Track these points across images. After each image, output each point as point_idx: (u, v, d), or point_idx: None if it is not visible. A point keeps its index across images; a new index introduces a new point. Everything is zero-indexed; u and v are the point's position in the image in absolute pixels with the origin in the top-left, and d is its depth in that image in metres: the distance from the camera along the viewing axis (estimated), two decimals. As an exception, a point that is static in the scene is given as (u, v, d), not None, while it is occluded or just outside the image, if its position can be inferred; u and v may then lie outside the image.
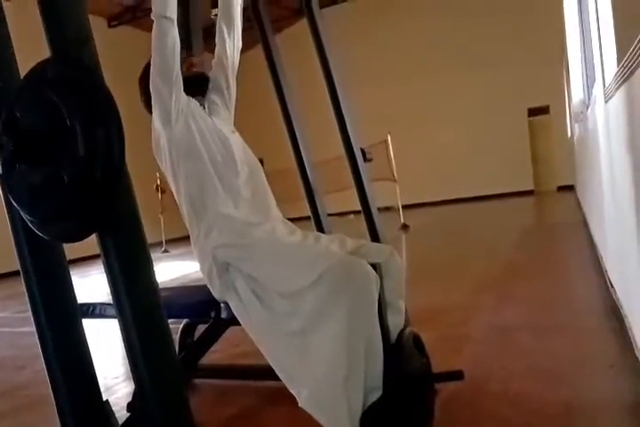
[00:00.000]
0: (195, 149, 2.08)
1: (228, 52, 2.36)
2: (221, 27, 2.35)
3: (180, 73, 2.02)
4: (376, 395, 1.87)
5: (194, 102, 2.19)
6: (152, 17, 1.95)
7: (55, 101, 1.18)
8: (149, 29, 2.00)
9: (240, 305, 1.99)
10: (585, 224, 7.04)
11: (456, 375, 2.20)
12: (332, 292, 1.80)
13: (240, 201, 2.12)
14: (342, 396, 1.76)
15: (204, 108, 2.25)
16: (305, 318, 1.84)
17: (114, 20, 14.60)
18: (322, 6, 3.04)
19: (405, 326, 2.14)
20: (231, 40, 2.36)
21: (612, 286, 3.54)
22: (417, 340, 2.14)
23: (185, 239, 2.15)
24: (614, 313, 3.22)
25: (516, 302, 3.96)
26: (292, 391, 1.88)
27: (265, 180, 2.29)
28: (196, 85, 2.26)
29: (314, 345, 1.82)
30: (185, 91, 2.12)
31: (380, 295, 1.90)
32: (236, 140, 2.25)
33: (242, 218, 2.08)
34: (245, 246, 2.02)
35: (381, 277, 1.95)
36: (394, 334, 2.06)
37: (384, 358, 1.89)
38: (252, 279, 1.96)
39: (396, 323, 2.10)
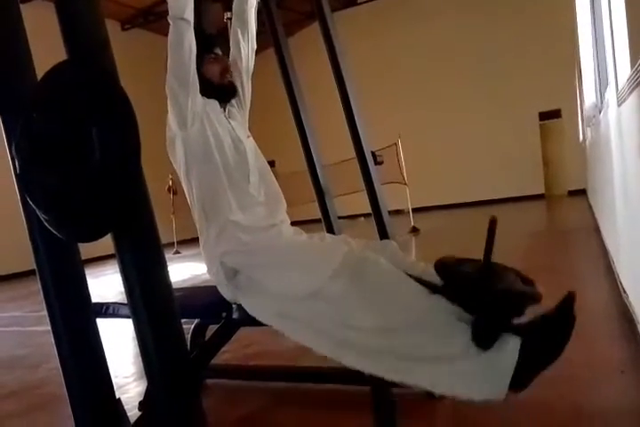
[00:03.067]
0: (208, 152, 2.09)
1: (243, 55, 2.37)
2: (236, 30, 2.36)
3: (196, 75, 2.03)
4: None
5: (211, 105, 2.18)
6: (169, 19, 1.95)
7: (72, 103, 1.20)
8: (162, 32, 2.03)
9: (255, 302, 1.99)
10: (596, 229, 7.00)
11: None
12: (346, 286, 1.80)
13: (250, 205, 2.13)
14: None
15: (225, 111, 2.26)
16: (323, 317, 1.82)
17: (127, 23, 14.71)
18: (333, 10, 3.05)
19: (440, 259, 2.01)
20: (246, 43, 2.37)
21: (625, 292, 3.51)
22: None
23: (196, 240, 2.17)
24: (626, 319, 3.20)
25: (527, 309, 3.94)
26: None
27: (276, 183, 2.31)
28: (227, 95, 2.27)
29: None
30: (214, 97, 2.17)
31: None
32: (249, 145, 2.26)
33: (250, 224, 2.08)
34: (253, 254, 2.03)
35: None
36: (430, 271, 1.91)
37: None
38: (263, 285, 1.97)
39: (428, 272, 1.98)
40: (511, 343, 1.68)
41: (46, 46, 2.82)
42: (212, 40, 2.25)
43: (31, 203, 1.24)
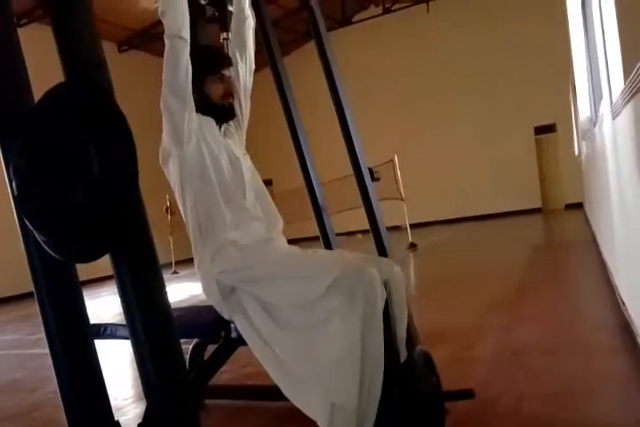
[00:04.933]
0: (204, 171, 2.09)
1: (241, 74, 2.38)
2: (234, 50, 2.38)
3: (191, 92, 2.05)
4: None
5: (207, 122, 2.19)
6: (165, 38, 1.96)
7: (69, 124, 1.20)
8: (158, 53, 2.03)
9: (247, 324, 1.99)
10: (594, 242, 7.00)
11: (466, 394, 2.18)
12: (344, 299, 1.82)
13: (246, 221, 2.13)
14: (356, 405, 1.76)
15: (220, 128, 2.27)
16: (319, 328, 1.84)
17: (124, 44, 14.85)
18: (329, 29, 3.08)
19: (415, 345, 2.13)
20: (244, 63, 2.39)
21: (624, 304, 3.51)
22: (427, 358, 2.13)
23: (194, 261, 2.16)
24: (626, 331, 3.19)
25: (527, 322, 3.93)
26: (309, 412, 1.86)
27: (272, 202, 2.31)
28: (224, 117, 2.28)
29: (325, 353, 1.82)
30: (211, 115, 2.19)
31: (389, 310, 1.91)
32: (246, 164, 2.27)
33: (247, 243, 2.09)
34: (249, 269, 2.03)
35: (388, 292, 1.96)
36: (401, 349, 2.05)
37: (396, 376, 1.89)
38: (261, 299, 1.97)
39: (400, 336, 2.10)
40: None
41: (43, 69, 2.84)
42: (224, 60, 2.26)
43: (29, 224, 1.24)
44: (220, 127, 2.27)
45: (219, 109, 2.23)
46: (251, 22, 2.43)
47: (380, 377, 1.84)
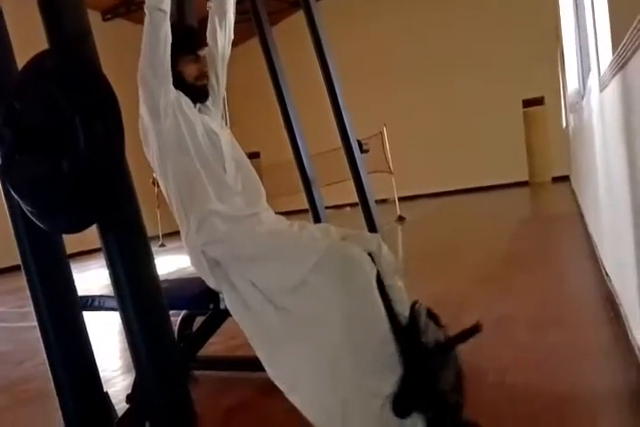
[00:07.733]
0: (182, 144, 2.08)
1: (219, 44, 2.34)
2: (214, 18, 2.34)
3: (169, 67, 2.02)
4: (396, 374, 1.85)
5: (184, 97, 2.17)
6: (145, 9, 1.93)
7: (55, 93, 1.18)
8: (143, 22, 1.98)
9: (234, 296, 1.99)
10: (580, 214, 7.07)
11: (474, 330, 2.14)
12: (328, 280, 1.81)
13: (228, 195, 2.12)
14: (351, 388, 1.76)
15: (195, 106, 2.23)
16: (306, 309, 1.85)
17: (108, 13, 14.54)
18: (317, -2, 3.03)
19: (415, 303, 2.12)
20: (222, 32, 2.35)
21: (608, 276, 3.55)
22: (429, 312, 2.11)
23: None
24: (610, 302, 3.24)
25: (513, 294, 3.98)
26: (290, 397, 1.89)
27: (254, 172, 2.30)
28: (198, 98, 2.25)
29: (316, 336, 1.83)
30: (185, 95, 2.15)
31: (380, 279, 1.91)
32: (225, 137, 2.24)
33: (230, 213, 2.08)
34: (233, 246, 2.03)
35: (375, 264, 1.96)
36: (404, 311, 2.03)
37: (402, 337, 1.89)
38: (247, 278, 1.97)
39: (400, 299, 2.07)
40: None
41: (27, 37, 2.78)
42: (200, 41, 2.22)
43: (15, 195, 1.23)
44: (195, 104, 2.24)
45: (192, 90, 2.20)
46: None
47: (369, 360, 1.83)
